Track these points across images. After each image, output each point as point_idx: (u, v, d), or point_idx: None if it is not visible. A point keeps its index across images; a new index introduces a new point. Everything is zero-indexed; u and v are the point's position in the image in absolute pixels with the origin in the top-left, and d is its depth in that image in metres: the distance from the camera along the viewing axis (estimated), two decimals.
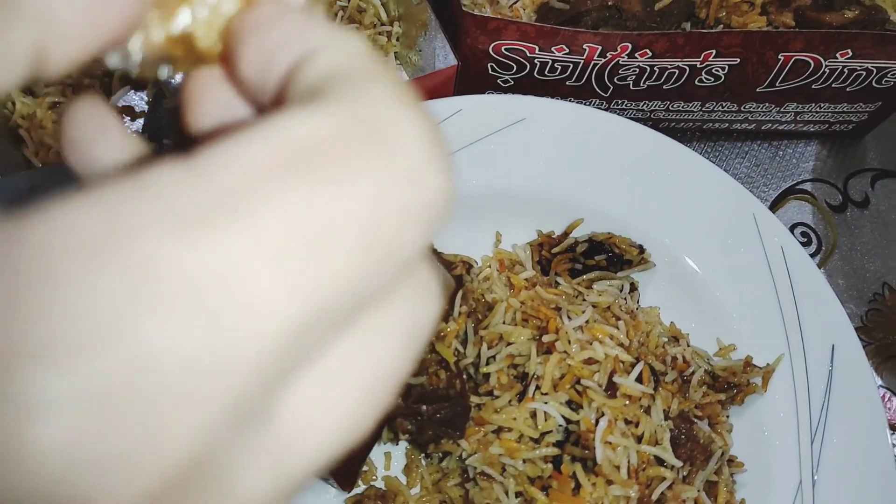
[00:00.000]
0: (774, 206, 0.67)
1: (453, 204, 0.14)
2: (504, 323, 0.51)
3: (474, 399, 0.46)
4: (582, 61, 0.55)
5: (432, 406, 0.43)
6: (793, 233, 0.65)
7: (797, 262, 0.54)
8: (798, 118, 0.65)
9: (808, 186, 0.68)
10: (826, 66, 0.58)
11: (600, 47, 0.54)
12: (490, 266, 0.56)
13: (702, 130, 0.68)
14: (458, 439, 0.45)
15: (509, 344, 0.49)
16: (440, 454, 0.48)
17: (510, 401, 0.46)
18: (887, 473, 0.48)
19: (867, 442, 0.49)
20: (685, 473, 0.46)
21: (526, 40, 0.54)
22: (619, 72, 0.57)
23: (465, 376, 0.47)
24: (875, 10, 0.60)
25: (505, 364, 0.48)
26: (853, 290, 0.64)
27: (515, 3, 0.63)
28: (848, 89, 0.62)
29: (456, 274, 0.51)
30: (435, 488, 0.48)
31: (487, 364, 0.48)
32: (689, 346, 0.53)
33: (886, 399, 0.60)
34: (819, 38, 0.56)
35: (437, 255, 0.52)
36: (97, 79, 0.59)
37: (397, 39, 0.65)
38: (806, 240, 0.65)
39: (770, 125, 0.67)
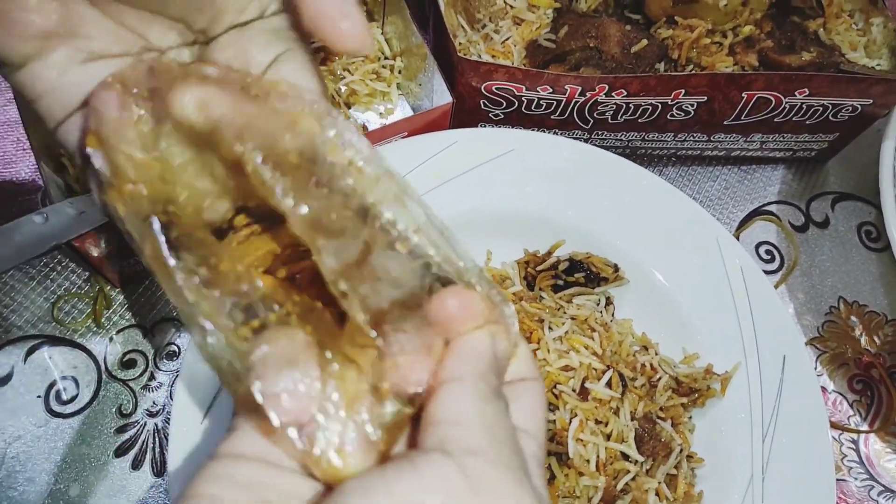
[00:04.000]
0: (741, 226, 0.73)
1: None
2: None
3: None
4: (564, 99, 0.62)
5: None
6: (758, 251, 0.72)
7: (755, 282, 0.60)
8: (763, 146, 0.72)
9: (773, 208, 0.74)
10: (786, 102, 0.65)
11: (580, 87, 0.60)
12: None
13: (676, 156, 0.74)
14: None
15: None
16: None
17: None
18: (827, 471, 0.54)
19: (811, 443, 0.56)
20: (648, 467, 0.53)
21: (514, 81, 0.60)
22: (598, 108, 0.63)
23: None
24: (831, 52, 0.67)
25: None
26: (811, 304, 0.70)
27: (507, 39, 0.70)
28: (807, 122, 0.68)
29: None
30: None
31: None
32: (657, 354, 0.60)
33: (837, 403, 0.66)
34: (778, 78, 0.62)
35: None
36: None
37: (399, 72, 0.72)
38: (770, 257, 0.72)
39: (739, 152, 0.73)
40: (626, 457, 0.52)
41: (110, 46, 0.33)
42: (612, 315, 0.62)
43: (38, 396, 0.58)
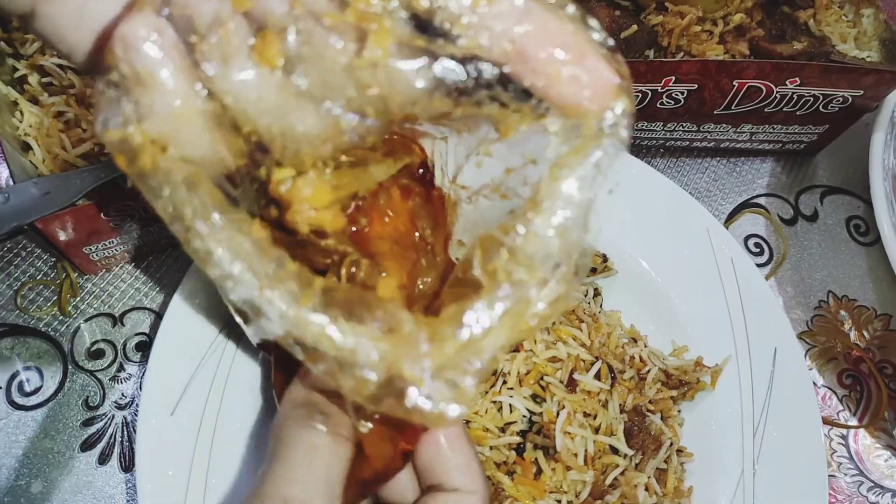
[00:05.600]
0: (730, 219, 0.72)
1: None
2: None
3: None
4: None
5: None
6: (746, 243, 0.71)
7: (745, 273, 0.59)
8: (753, 138, 0.71)
9: (762, 200, 0.73)
10: (777, 92, 0.64)
11: None
12: None
13: (665, 147, 0.73)
14: None
15: None
16: None
17: (485, 391, 0.51)
18: (819, 465, 0.53)
19: (802, 436, 0.54)
20: (637, 461, 0.51)
21: None
22: None
23: None
24: (821, 43, 0.66)
25: None
26: (801, 297, 0.69)
27: None
28: (798, 113, 0.67)
29: None
30: None
31: None
32: (646, 346, 0.58)
33: (827, 398, 0.65)
34: (770, 67, 0.61)
35: None
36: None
37: None
38: (759, 250, 0.71)
39: (728, 143, 0.72)
40: (615, 450, 0.50)
41: None
42: (600, 306, 0.60)
43: None
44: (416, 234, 0.35)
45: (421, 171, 0.37)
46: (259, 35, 0.25)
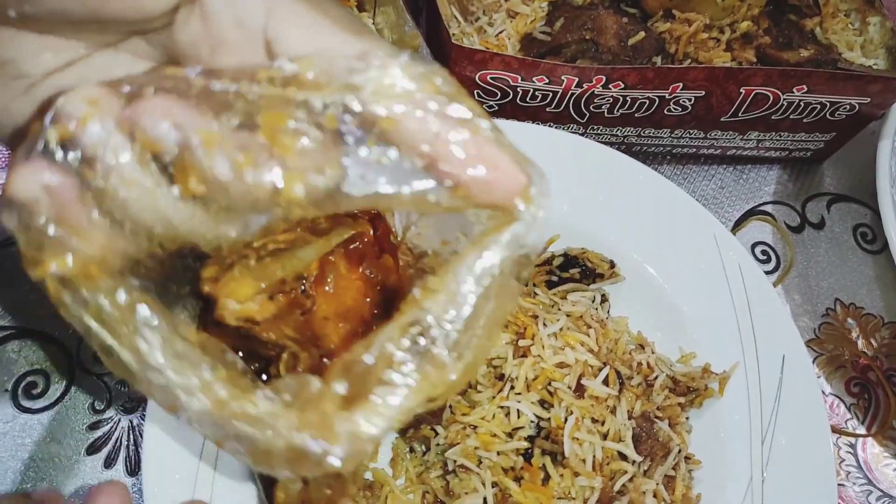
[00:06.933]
0: (737, 226, 0.72)
1: None
2: None
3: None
4: (560, 90, 0.60)
5: None
6: (753, 251, 0.71)
7: (753, 279, 0.59)
8: (760, 145, 0.71)
9: (769, 208, 0.73)
10: (784, 99, 0.64)
11: (577, 79, 0.59)
12: None
13: (672, 154, 0.73)
14: (435, 425, 0.50)
15: None
16: (423, 448, 0.52)
17: (493, 396, 0.51)
18: (827, 473, 0.53)
19: (811, 444, 0.54)
20: (645, 468, 0.51)
21: (509, 71, 0.59)
22: (595, 100, 0.62)
23: None
24: (828, 51, 0.66)
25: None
26: (808, 305, 0.69)
27: (501, 32, 0.69)
28: (805, 120, 0.67)
29: None
30: (419, 479, 0.52)
31: None
32: (653, 353, 0.58)
33: (835, 406, 0.65)
34: (777, 74, 0.61)
35: None
36: None
37: None
38: (766, 258, 0.71)
39: (735, 151, 0.72)
40: (623, 456, 0.50)
41: (48, 61, 0.28)
42: (608, 312, 0.60)
43: (6, 390, 0.55)
44: (368, 300, 0.35)
45: (374, 233, 0.36)
46: (177, 167, 0.26)
